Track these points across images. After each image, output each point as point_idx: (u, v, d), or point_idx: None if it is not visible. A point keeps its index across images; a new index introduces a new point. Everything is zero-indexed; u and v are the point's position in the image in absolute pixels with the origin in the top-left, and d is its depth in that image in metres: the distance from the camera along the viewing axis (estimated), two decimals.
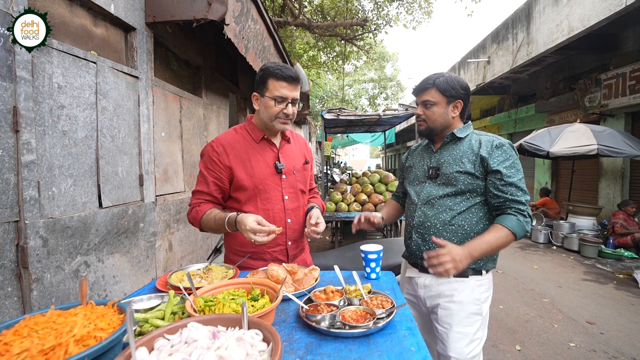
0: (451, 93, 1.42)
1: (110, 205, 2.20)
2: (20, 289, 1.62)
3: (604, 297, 3.90)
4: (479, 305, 1.40)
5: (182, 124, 3.22)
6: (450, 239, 1.40)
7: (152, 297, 1.11)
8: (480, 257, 1.30)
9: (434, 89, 1.43)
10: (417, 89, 1.50)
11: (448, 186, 1.42)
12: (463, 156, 1.41)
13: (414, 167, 1.61)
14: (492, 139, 1.42)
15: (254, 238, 1.21)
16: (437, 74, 1.46)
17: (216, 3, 2.46)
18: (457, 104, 1.45)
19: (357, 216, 1.61)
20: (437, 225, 1.43)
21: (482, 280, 1.42)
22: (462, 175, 1.39)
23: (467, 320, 1.38)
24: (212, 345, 0.66)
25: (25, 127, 1.62)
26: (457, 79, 1.44)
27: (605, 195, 7.25)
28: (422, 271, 1.49)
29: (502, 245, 1.29)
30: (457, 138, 1.47)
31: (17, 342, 0.62)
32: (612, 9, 5.15)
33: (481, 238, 1.29)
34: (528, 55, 7.52)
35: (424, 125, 1.49)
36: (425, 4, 10.29)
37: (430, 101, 1.45)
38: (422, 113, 1.48)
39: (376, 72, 24.68)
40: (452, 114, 1.46)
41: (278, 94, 1.36)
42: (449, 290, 1.41)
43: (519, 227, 1.29)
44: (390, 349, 0.85)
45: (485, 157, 1.36)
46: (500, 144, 1.38)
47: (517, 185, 1.33)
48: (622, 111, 6.74)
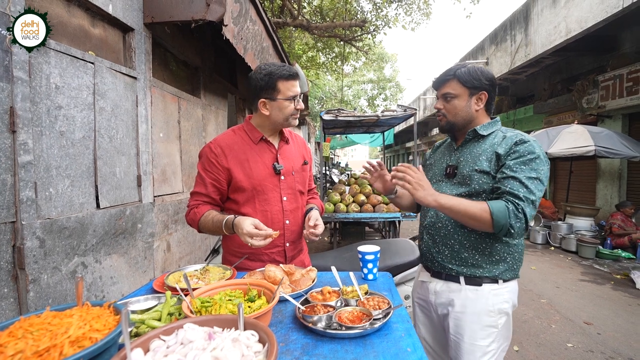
0: (473, 84, 1.30)
1: (107, 206, 2.20)
2: (16, 290, 1.61)
3: (602, 298, 3.91)
4: (493, 318, 1.28)
5: (181, 124, 3.22)
6: (461, 243, 1.31)
7: (149, 298, 1.11)
8: (441, 209, 1.21)
9: (454, 81, 1.32)
10: (437, 81, 1.39)
11: (463, 186, 1.31)
12: (482, 154, 1.30)
13: (434, 164, 1.51)
14: (516, 135, 1.27)
15: (250, 242, 1.22)
16: (459, 64, 1.35)
17: (215, 4, 2.46)
18: (481, 95, 1.32)
19: (377, 161, 1.54)
20: (448, 226, 1.35)
21: (499, 290, 1.29)
22: (477, 174, 1.28)
23: (480, 333, 1.27)
24: (207, 346, 0.65)
25: (22, 128, 1.62)
26: (481, 69, 1.32)
27: (602, 196, 7.27)
28: (433, 276, 1.42)
29: (470, 216, 1.17)
30: (479, 136, 1.34)
31: (12, 344, 0.62)
32: (609, 11, 5.18)
33: (456, 197, 1.22)
34: (526, 56, 7.55)
35: (445, 120, 1.39)
36: (424, 5, 10.32)
37: (451, 94, 1.33)
38: (442, 107, 1.37)
39: (375, 73, 24.72)
40: (476, 107, 1.33)
41: (291, 94, 1.40)
42: (460, 299, 1.31)
43: (501, 212, 1.14)
44: (387, 350, 0.85)
45: (501, 154, 1.24)
46: (523, 140, 1.24)
47: (522, 181, 1.17)
48: (620, 112, 6.77)
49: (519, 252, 1.33)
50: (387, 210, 4.50)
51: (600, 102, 6.92)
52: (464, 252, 1.31)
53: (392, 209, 4.52)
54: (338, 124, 5.26)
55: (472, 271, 1.30)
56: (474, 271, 1.30)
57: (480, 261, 1.29)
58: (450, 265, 1.34)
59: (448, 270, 1.35)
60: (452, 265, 1.34)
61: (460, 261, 1.32)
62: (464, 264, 1.31)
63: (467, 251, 1.31)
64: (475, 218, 1.18)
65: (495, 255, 1.29)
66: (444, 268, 1.36)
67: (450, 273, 1.34)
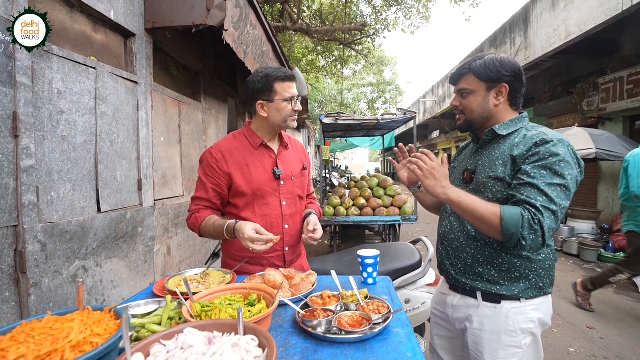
0: (490, 77, 1.17)
1: (108, 210, 2.21)
2: (18, 294, 1.61)
3: (604, 302, 3.89)
4: (515, 338, 1.15)
5: (181, 128, 3.23)
6: (474, 257, 1.21)
7: (149, 302, 1.11)
8: (450, 203, 1.12)
9: (470, 75, 1.21)
10: (453, 76, 1.28)
11: (477, 193, 1.17)
12: (499, 157, 1.16)
13: (456, 168, 1.40)
14: (539, 134, 1.11)
15: (252, 246, 1.23)
16: (477, 56, 1.23)
17: (215, 9, 2.48)
18: (501, 88, 1.19)
19: (409, 145, 1.45)
20: (460, 238, 1.25)
21: (522, 308, 1.16)
22: (491, 181, 1.15)
23: (501, 353, 1.16)
24: (207, 351, 0.66)
25: (25, 133, 1.63)
26: (502, 59, 1.18)
27: (604, 199, 7.26)
28: (451, 289, 1.33)
29: (478, 216, 1.06)
30: (499, 136, 1.21)
31: (14, 348, 0.63)
32: (608, 14, 5.20)
33: (469, 194, 1.12)
34: (526, 59, 7.57)
35: (462, 117, 1.28)
36: (424, 8, 10.38)
37: (467, 89, 1.22)
38: (458, 104, 1.26)
39: (375, 76, 24.81)
40: (495, 102, 1.20)
41: (288, 95, 1.41)
42: (477, 316, 1.21)
43: (513, 220, 1.01)
44: (387, 355, 0.86)
45: (517, 156, 1.10)
46: (545, 140, 1.08)
47: (540, 188, 1.03)
48: (620, 115, 6.77)
49: (546, 269, 1.19)
50: (387, 214, 4.50)
51: (601, 105, 6.92)
52: (477, 266, 1.21)
53: (392, 213, 4.52)
54: (338, 127, 5.28)
55: (489, 287, 1.19)
56: (490, 287, 1.19)
57: (497, 277, 1.18)
58: (464, 279, 1.25)
59: (463, 285, 1.26)
60: (466, 280, 1.24)
61: (474, 276, 1.22)
62: (478, 279, 1.21)
63: (482, 266, 1.20)
64: (482, 220, 1.06)
65: (515, 272, 1.16)
66: (459, 282, 1.27)
67: (465, 287, 1.25)
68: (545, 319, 1.20)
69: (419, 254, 2.16)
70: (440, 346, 1.43)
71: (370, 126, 5.44)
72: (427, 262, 2.08)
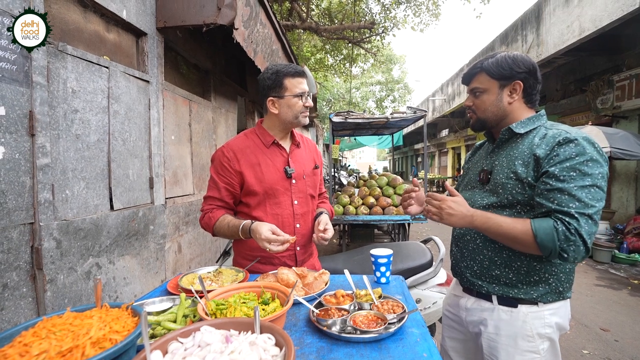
0: (502, 74, 1.15)
1: (121, 208, 2.23)
2: (34, 290, 1.65)
3: (618, 304, 3.81)
4: (532, 343, 1.12)
5: (192, 127, 3.26)
6: (491, 259, 1.18)
7: (163, 300, 1.12)
8: (479, 230, 1.10)
9: (482, 74, 1.20)
10: (465, 76, 1.27)
11: (494, 194, 1.16)
12: (519, 157, 1.12)
13: (471, 169, 1.38)
14: (560, 132, 1.07)
15: (268, 247, 1.23)
16: (489, 55, 1.21)
17: (226, 8, 2.48)
18: (515, 85, 1.16)
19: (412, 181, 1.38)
20: (476, 240, 1.22)
21: (540, 312, 1.12)
22: (510, 181, 1.11)
23: (518, 358, 1.13)
24: (225, 350, 0.66)
25: (41, 131, 1.66)
26: (514, 56, 1.15)
27: (618, 198, 7.10)
28: (465, 291, 1.30)
29: (512, 239, 1.03)
30: (517, 135, 1.17)
31: (36, 344, 0.64)
32: (624, 9, 5.07)
33: (497, 215, 1.07)
34: (538, 56, 7.43)
35: (474, 117, 1.26)
36: (433, 6, 10.26)
37: (479, 88, 1.21)
38: (471, 103, 1.25)
39: (383, 74, 24.66)
40: (509, 100, 1.18)
41: (299, 91, 1.41)
42: (493, 320, 1.18)
43: (547, 235, 0.97)
44: (402, 355, 0.85)
45: (541, 156, 1.05)
46: (569, 139, 1.03)
47: (572, 193, 0.98)
48: (636, 113, 6.61)
49: (566, 273, 1.14)
50: (396, 213, 4.47)
51: (616, 103, 6.77)
52: (495, 269, 1.18)
53: (401, 212, 4.49)
54: (347, 126, 5.26)
55: (505, 290, 1.16)
56: (507, 291, 1.16)
57: (515, 281, 1.15)
58: (479, 282, 1.22)
59: (478, 287, 1.22)
60: (482, 282, 1.21)
61: (491, 278, 1.19)
62: (495, 281, 1.18)
63: (499, 269, 1.17)
64: (516, 241, 1.03)
65: (534, 276, 1.12)
66: (473, 285, 1.24)
67: (481, 290, 1.22)
68: (563, 323, 1.16)
69: (430, 254, 2.14)
70: (452, 348, 1.41)
71: (379, 125, 5.42)
72: (438, 262, 2.06)
